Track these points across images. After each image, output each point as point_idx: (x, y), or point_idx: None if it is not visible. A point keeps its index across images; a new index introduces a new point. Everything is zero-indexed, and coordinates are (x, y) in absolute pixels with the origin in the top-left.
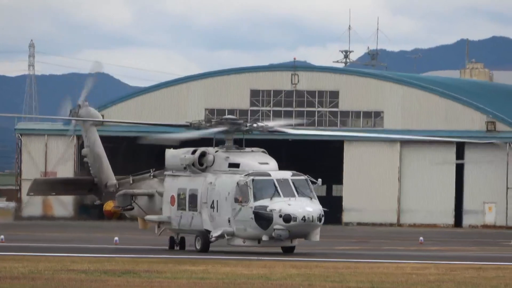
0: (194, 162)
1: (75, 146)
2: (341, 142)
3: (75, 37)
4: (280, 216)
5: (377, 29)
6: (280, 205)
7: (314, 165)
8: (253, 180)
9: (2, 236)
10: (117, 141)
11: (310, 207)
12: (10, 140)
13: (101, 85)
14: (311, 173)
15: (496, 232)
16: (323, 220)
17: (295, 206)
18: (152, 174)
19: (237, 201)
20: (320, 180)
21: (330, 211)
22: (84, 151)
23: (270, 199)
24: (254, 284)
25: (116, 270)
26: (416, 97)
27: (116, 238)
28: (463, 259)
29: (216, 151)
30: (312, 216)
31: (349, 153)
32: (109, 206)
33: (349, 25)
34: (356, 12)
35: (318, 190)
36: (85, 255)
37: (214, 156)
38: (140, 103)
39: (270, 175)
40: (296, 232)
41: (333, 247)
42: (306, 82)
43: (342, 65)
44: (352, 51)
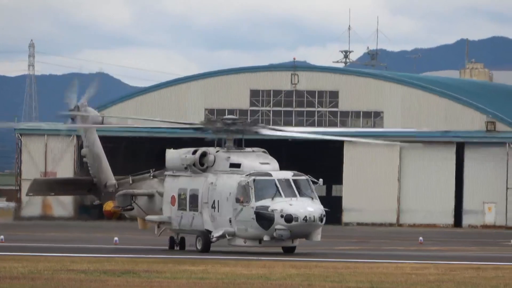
0: (195, 162)
1: (74, 146)
2: (341, 142)
3: (75, 37)
4: (282, 216)
5: (377, 29)
6: (282, 205)
7: (314, 165)
8: (254, 180)
9: (2, 236)
10: (117, 141)
11: (311, 207)
12: (10, 140)
13: (101, 85)
14: (311, 173)
15: (496, 232)
16: (324, 220)
17: (296, 206)
18: (152, 174)
19: (238, 201)
20: (321, 180)
21: (330, 211)
22: (84, 151)
23: (271, 199)
24: (254, 284)
25: (115, 270)
26: (416, 97)
27: (115, 238)
28: (462, 259)
29: (217, 151)
30: (314, 216)
31: (349, 153)
32: (109, 206)
33: (349, 25)
34: (356, 12)
35: (318, 190)
36: (85, 255)
37: (215, 156)
38: (140, 103)
39: (271, 175)
40: (298, 232)
41: (332, 247)
42: (306, 82)
43: (342, 65)
44: (352, 51)
